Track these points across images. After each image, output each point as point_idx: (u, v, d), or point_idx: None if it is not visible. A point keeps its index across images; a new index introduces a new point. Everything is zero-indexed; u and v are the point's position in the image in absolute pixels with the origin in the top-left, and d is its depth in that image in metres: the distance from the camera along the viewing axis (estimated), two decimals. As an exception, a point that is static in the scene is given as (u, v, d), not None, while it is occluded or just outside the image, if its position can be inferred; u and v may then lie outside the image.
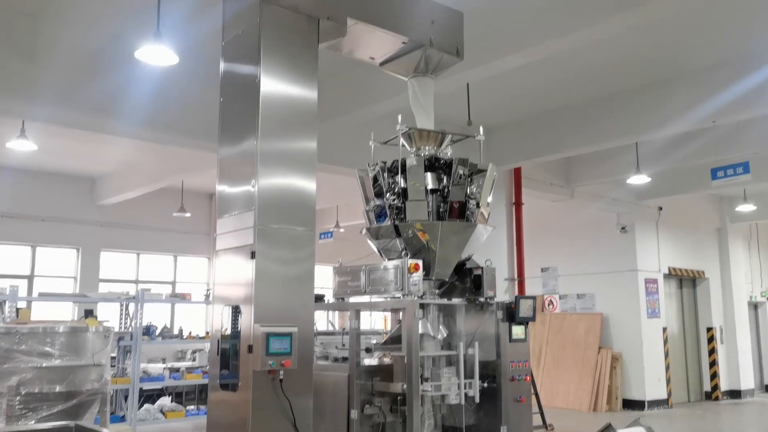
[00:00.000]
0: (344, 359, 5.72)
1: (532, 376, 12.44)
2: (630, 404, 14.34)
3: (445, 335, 5.76)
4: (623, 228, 14.76)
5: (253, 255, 4.57)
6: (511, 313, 5.85)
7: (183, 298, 11.27)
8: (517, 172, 11.80)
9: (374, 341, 6.10)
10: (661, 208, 15.31)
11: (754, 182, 11.31)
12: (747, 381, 16.77)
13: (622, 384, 14.52)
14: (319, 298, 5.77)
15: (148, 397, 12.34)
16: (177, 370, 10.72)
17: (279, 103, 4.76)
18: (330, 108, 9.12)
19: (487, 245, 11.29)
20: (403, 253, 5.35)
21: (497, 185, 11.62)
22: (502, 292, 11.37)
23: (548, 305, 16.26)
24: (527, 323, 5.97)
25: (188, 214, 14.65)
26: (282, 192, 4.72)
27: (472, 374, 5.52)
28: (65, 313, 13.52)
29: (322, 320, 7.01)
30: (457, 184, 5.58)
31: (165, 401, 10.94)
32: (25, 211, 14.31)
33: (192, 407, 11.06)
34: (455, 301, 5.80)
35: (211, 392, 4.86)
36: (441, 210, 5.62)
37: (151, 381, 10.50)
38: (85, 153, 12.72)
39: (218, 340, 4.78)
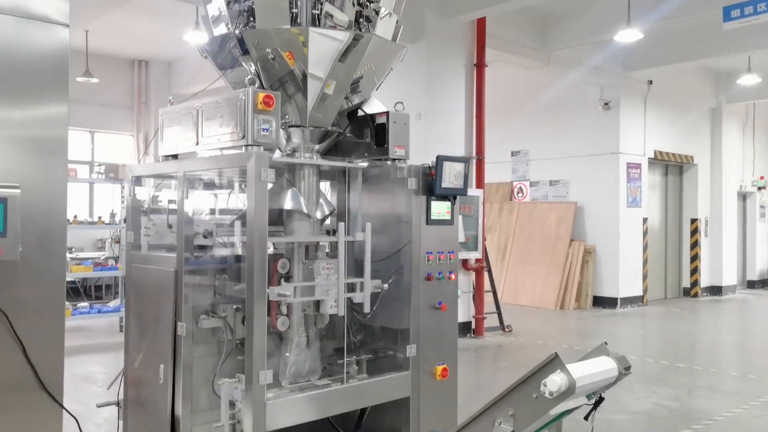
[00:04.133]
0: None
1: (489, 269, 10.87)
2: (601, 301, 12.91)
3: (327, 213, 3.85)
4: (606, 104, 12.76)
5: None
6: (429, 183, 3.93)
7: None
8: (480, 26, 9.57)
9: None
10: (651, 82, 13.25)
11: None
12: (729, 276, 15.40)
13: (594, 280, 13.02)
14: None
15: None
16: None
17: None
18: None
19: (438, 114, 9.25)
20: (248, 80, 3.31)
21: (453, 42, 9.60)
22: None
23: (517, 194, 14.49)
24: (455, 198, 4.07)
25: (95, 80, 12.32)
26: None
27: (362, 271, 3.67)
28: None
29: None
30: (342, -29, 3.46)
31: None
32: None
33: (84, 304, 9.31)
34: (340, 163, 3.85)
35: None
36: (317, 13, 3.53)
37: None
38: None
39: None
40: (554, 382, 2.51)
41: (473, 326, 9.70)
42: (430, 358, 3.97)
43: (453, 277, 4.10)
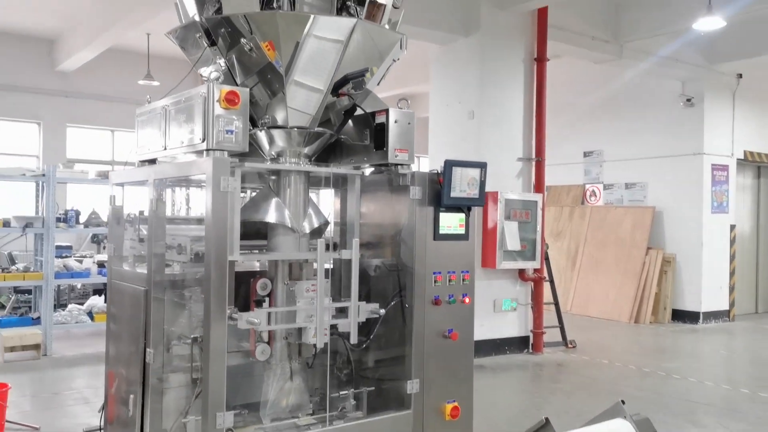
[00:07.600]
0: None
1: (551, 279, 10.07)
2: (681, 315, 11.81)
3: (316, 226, 3.36)
4: (689, 100, 11.65)
5: None
6: (437, 192, 3.39)
7: (113, 177, 9.12)
8: (542, 18, 8.83)
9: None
10: (740, 76, 12.02)
11: None
12: (832, 291, 13.86)
13: (673, 291, 11.93)
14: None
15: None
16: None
17: None
18: None
19: (493, 113, 8.57)
20: (210, 74, 2.86)
21: (511, 35, 8.88)
22: (513, 176, 8.78)
23: (590, 197, 13.54)
24: (469, 209, 3.50)
25: (156, 83, 12.34)
26: None
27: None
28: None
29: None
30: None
31: (97, 301, 9.13)
32: (-29, 77, 12.40)
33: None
34: (325, 169, 3.35)
35: None
36: (294, -3, 3.05)
37: (73, 278, 8.62)
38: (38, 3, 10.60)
39: None
40: (542, 458, 1.93)
41: (531, 341, 8.98)
42: (437, 394, 3.42)
43: (467, 300, 3.53)
